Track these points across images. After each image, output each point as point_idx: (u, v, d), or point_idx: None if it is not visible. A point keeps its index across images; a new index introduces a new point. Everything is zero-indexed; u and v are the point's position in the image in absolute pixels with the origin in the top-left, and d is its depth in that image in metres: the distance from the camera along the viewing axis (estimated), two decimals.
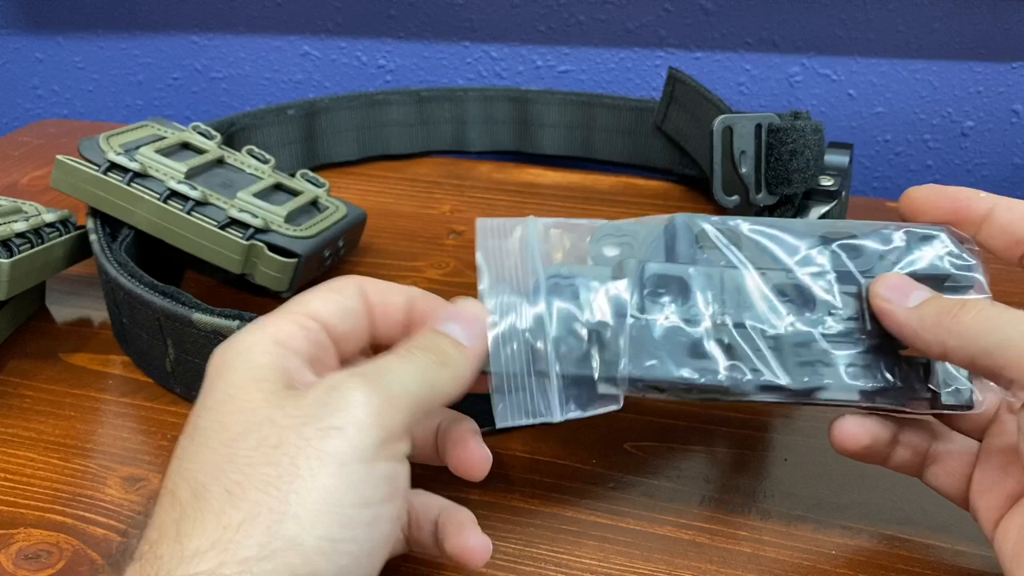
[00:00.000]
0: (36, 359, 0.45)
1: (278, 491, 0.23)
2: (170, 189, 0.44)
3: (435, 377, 0.27)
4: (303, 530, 0.23)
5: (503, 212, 0.59)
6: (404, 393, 0.26)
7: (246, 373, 0.26)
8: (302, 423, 0.24)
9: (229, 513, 0.23)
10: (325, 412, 0.25)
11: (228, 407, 0.25)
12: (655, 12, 0.68)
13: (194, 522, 0.23)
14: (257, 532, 0.23)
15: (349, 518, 0.24)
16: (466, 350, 0.28)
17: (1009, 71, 0.63)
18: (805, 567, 0.32)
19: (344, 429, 0.24)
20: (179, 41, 0.79)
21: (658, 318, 0.29)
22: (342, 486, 0.24)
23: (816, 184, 0.44)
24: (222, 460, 0.24)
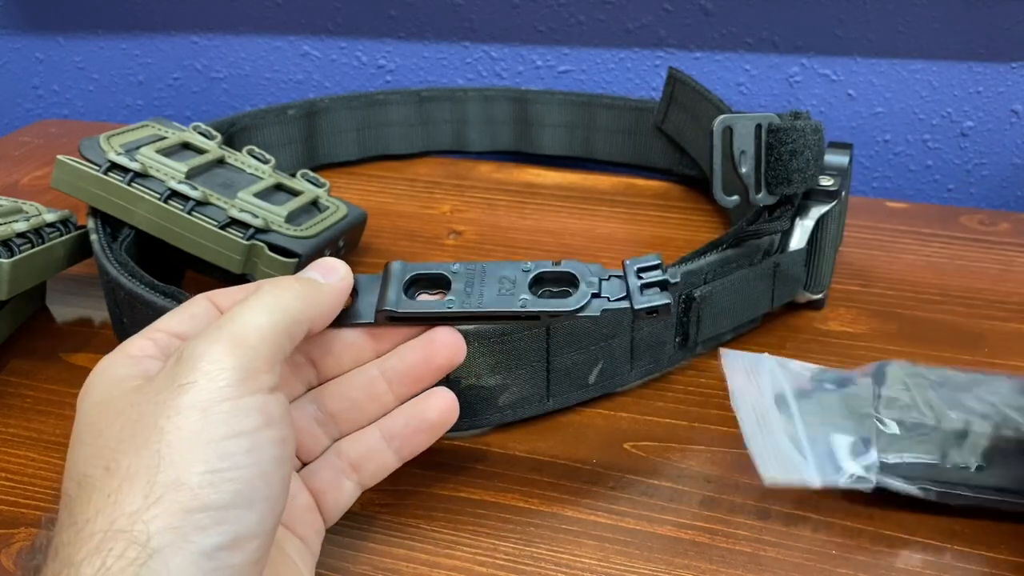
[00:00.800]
0: (37, 359, 0.45)
1: (148, 450, 0.24)
2: (170, 189, 0.44)
3: (290, 303, 0.28)
4: (182, 471, 0.24)
5: (503, 212, 0.59)
6: (252, 328, 0.26)
7: (111, 385, 0.27)
8: (156, 392, 0.25)
9: (108, 483, 0.24)
10: (174, 376, 0.25)
11: (99, 410, 0.26)
12: (655, 12, 0.68)
13: (81, 503, 0.24)
14: (138, 487, 0.23)
15: (225, 449, 0.24)
16: (327, 284, 0.30)
17: (1009, 71, 0.63)
18: (805, 567, 0.32)
19: (195, 382, 0.25)
20: (179, 41, 0.79)
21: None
22: (209, 425, 0.24)
23: (816, 184, 0.44)
24: (98, 449, 0.25)
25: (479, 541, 0.33)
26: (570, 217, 0.58)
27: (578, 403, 0.40)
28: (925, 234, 0.55)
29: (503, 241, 0.55)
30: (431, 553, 0.33)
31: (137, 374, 0.27)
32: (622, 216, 0.58)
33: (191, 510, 0.23)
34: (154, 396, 0.25)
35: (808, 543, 0.33)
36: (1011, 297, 0.48)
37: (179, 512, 0.23)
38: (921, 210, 0.59)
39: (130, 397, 0.26)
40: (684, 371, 0.42)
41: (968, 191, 0.68)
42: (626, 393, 0.41)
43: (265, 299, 0.28)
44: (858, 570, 0.32)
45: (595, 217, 0.58)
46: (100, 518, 0.23)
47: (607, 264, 0.33)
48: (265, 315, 0.27)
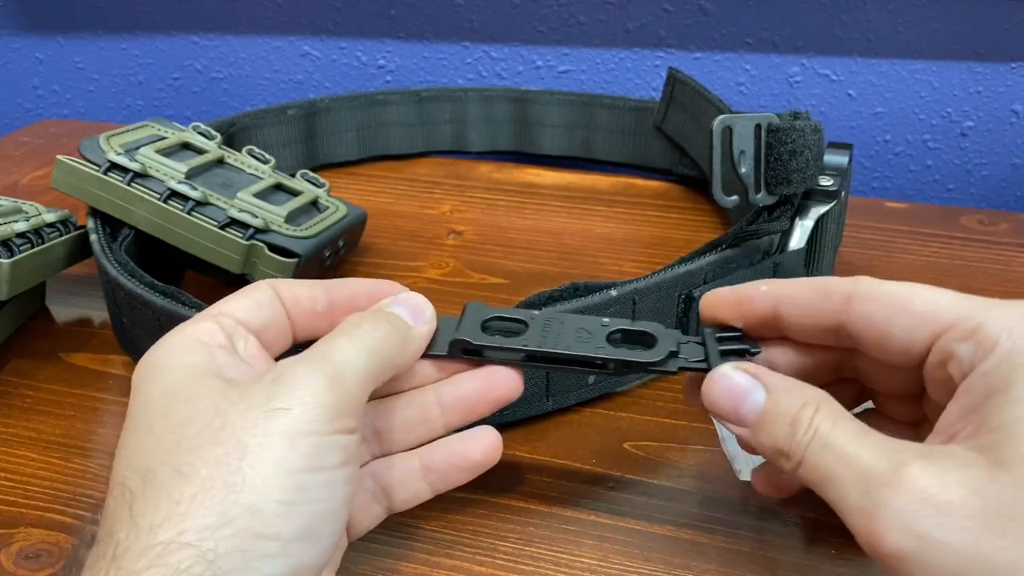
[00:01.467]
0: (36, 359, 0.45)
1: (228, 466, 0.24)
2: (170, 189, 0.44)
3: (384, 348, 0.28)
4: (259, 497, 0.23)
5: (503, 212, 0.59)
6: (351, 368, 0.26)
7: (181, 371, 0.26)
8: (247, 407, 0.25)
9: (180, 489, 0.23)
10: (270, 396, 0.25)
11: (170, 399, 0.26)
12: (655, 12, 0.68)
13: (146, 503, 0.23)
14: (213, 503, 0.23)
15: (304, 482, 0.24)
16: (410, 326, 0.29)
17: (1009, 71, 0.63)
18: (805, 567, 0.32)
19: (290, 410, 0.25)
20: (179, 41, 0.79)
21: None
22: (293, 455, 0.24)
23: (816, 184, 0.44)
24: (169, 444, 0.24)
25: (479, 541, 0.33)
26: (570, 217, 0.58)
27: (578, 403, 0.40)
28: (925, 234, 0.55)
29: (503, 241, 0.55)
30: (430, 553, 0.33)
31: (211, 366, 0.26)
32: (622, 216, 0.58)
33: (262, 537, 0.23)
34: (245, 409, 0.25)
35: (808, 543, 0.33)
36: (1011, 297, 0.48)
37: (250, 537, 0.23)
38: (921, 210, 0.59)
39: (213, 398, 0.25)
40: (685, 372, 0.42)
41: (968, 191, 0.68)
42: (626, 393, 0.41)
43: (365, 339, 0.27)
44: (858, 570, 0.32)
45: (595, 217, 0.58)
46: (168, 526, 0.23)
47: (609, 264, 0.33)
48: (363, 358, 0.27)
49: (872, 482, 0.24)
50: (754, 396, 0.27)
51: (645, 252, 0.54)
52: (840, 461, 0.25)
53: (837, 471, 0.24)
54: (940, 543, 0.22)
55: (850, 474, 0.24)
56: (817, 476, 0.25)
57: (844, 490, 0.24)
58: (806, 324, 0.29)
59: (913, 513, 0.23)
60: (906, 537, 0.23)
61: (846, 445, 0.25)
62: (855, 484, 0.24)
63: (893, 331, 0.27)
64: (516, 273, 0.52)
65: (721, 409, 0.28)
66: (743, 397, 0.27)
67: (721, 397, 0.28)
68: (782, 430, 0.26)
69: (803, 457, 0.25)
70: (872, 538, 0.23)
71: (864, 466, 0.24)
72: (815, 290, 0.29)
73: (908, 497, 0.23)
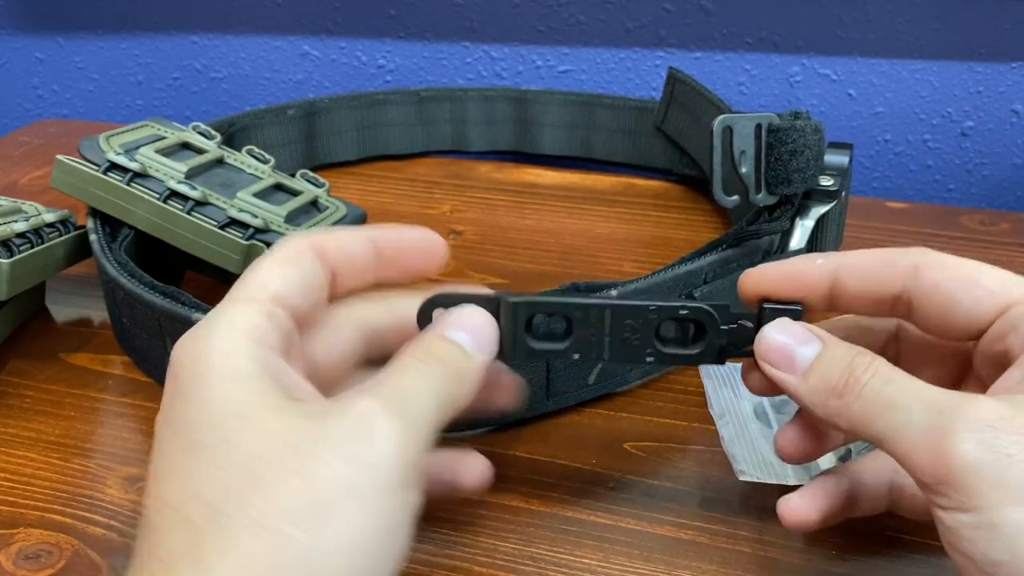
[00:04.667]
0: (36, 359, 0.45)
1: (307, 523, 0.22)
2: (170, 189, 0.44)
3: (450, 392, 0.26)
4: (328, 563, 0.23)
5: (503, 212, 0.59)
6: (424, 418, 0.25)
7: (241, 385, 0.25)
8: (325, 449, 0.23)
9: (255, 543, 0.22)
10: (351, 442, 0.24)
11: (238, 426, 0.24)
12: (655, 12, 0.68)
13: (215, 550, 0.22)
14: (289, 564, 0.22)
15: (375, 549, 0.23)
16: (475, 359, 0.28)
17: (1009, 71, 0.63)
18: (805, 567, 0.32)
19: (373, 463, 0.23)
20: (179, 41, 0.79)
21: None
22: (371, 519, 0.23)
23: (816, 184, 0.44)
24: (242, 485, 0.23)
25: (479, 541, 0.33)
26: (570, 217, 0.58)
27: (578, 403, 0.40)
28: (925, 234, 0.55)
29: (503, 241, 0.55)
30: (431, 553, 0.33)
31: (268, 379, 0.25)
32: (622, 216, 0.58)
33: None
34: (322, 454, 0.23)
35: (808, 543, 0.33)
36: None
37: None
38: (921, 210, 0.59)
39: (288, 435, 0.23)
40: (684, 371, 0.42)
41: (968, 191, 0.68)
42: (626, 393, 0.41)
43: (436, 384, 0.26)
44: (858, 570, 0.32)
45: (595, 217, 0.58)
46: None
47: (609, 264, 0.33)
48: (435, 405, 0.26)
49: (945, 404, 0.24)
50: (809, 346, 0.28)
51: (645, 252, 0.54)
52: (907, 390, 0.25)
53: (903, 397, 0.25)
54: (1016, 459, 0.23)
55: (918, 400, 0.25)
56: (874, 407, 0.25)
57: (911, 413, 0.24)
58: (866, 293, 0.29)
59: (990, 429, 0.23)
60: (982, 450, 0.23)
61: (911, 381, 0.25)
62: (925, 407, 0.24)
63: (962, 300, 0.27)
64: (516, 273, 0.52)
65: (775, 357, 0.28)
66: (799, 344, 0.28)
67: (775, 345, 0.28)
68: (837, 370, 0.26)
69: (862, 391, 0.26)
70: (942, 455, 0.23)
71: (933, 394, 0.25)
72: (878, 258, 0.29)
73: (986, 415, 0.23)
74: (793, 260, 0.30)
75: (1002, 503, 0.22)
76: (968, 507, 0.23)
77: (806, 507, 0.30)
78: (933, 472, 0.24)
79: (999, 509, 0.23)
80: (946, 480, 0.23)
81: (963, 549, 0.24)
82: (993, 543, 0.23)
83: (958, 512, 0.23)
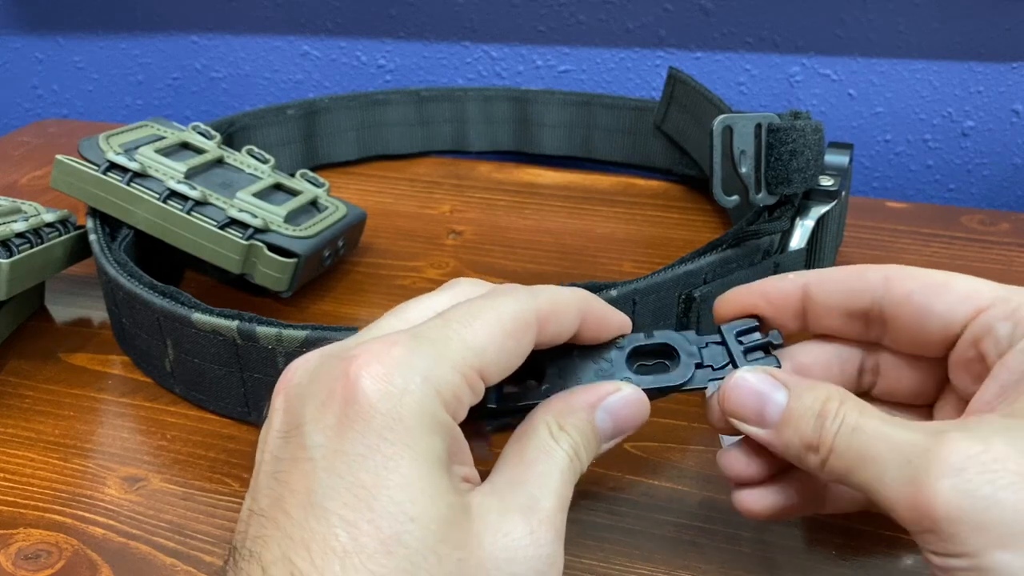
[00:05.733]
0: (36, 359, 0.45)
1: None
2: (170, 189, 0.44)
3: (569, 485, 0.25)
4: None
5: (503, 212, 0.59)
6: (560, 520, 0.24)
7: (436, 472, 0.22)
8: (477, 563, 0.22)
9: None
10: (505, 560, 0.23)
11: (441, 531, 0.22)
12: (655, 12, 0.68)
13: None
14: None
15: None
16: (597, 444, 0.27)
17: (1009, 71, 0.63)
18: (805, 567, 0.32)
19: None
20: (179, 41, 0.79)
21: None
22: None
23: (816, 184, 0.44)
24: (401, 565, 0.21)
25: None
26: (570, 217, 0.58)
27: None
28: (925, 234, 0.55)
29: (503, 241, 0.55)
30: None
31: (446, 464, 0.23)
32: (622, 216, 0.58)
33: None
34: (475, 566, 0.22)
35: (808, 543, 0.33)
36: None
37: None
38: (921, 210, 0.59)
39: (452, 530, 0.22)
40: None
41: (969, 191, 0.68)
42: None
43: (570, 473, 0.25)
44: (858, 570, 0.32)
45: (595, 217, 0.58)
46: None
47: (609, 264, 0.33)
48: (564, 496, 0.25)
49: (912, 452, 0.23)
50: (776, 396, 0.27)
51: (645, 252, 0.54)
52: (875, 440, 0.24)
53: (872, 450, 0.24)
54: (992, 499, 0.22)
55: (887, 450, 0.24)
56: (849, 461, 0.25)
57: (882, 466, 0.24)
58: (837, 307, 0.29)
59: (961, 472, 0.22)
60: (957, 497, 0.22)
61: (879, 427, 0.25)
62: (894, 458, 0.24)
63: (934, 307, 0.27)
64: (516, 273, 0.52)
65: (744, 414, 0.28)
66: (765, 398, 0.27)
67: (742, 401, 0.28)
68: (808, 424, 0.26)
69: (833, 444, 0.25)
70: (919, 507, 0.23)
71: (901, 440, 0.24)
72: (849, 272, 0.29)
73: (954, 458, 0.23)
74: (763, 280, 0.30)
75: (988, 547, 0.22)
76: (956, 553, 0.23)
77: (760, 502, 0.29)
78: (918, 523, 0.23)
79: (987, 554, 0.22)
80: (931, 530, 0.23)
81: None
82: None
83: (949, 558, 0.23)
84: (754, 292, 0.30)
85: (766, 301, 0.30)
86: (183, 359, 0.39)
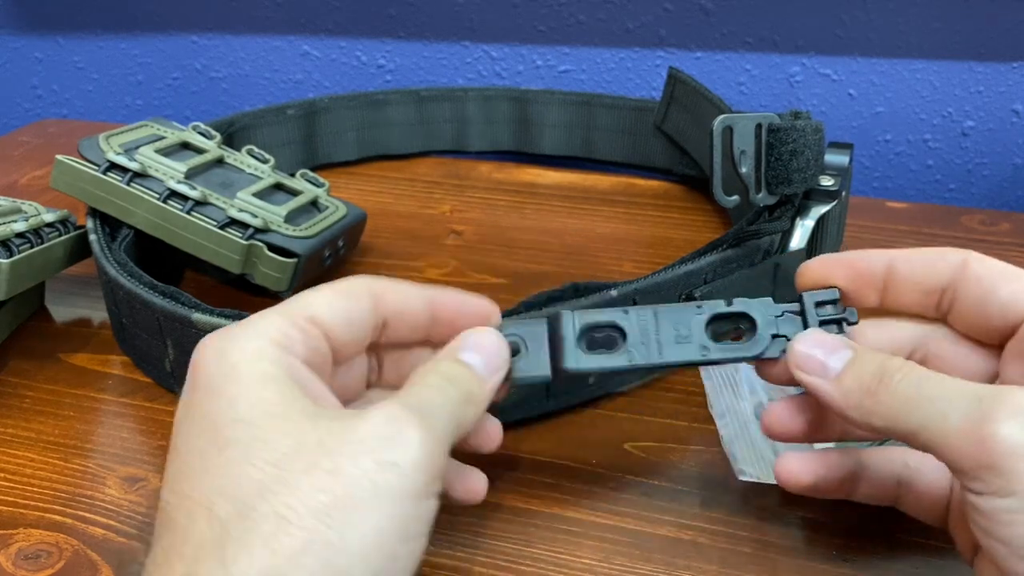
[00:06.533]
0: (36, 359, 0.45)
1: (332, 520, 0.23)
2: (170, 189, 0.44)
3: (462, 414, 0.27)
4: (355, 564, 0.23)
5: (503, 212, 0.59)
6: (445, 432, 0.26)
7: (271, 387, 0.25)
8: (357, 451, 0.24)
9: (281, 540, 0.22)
10: (384, 445, 0.24)
11: (270, 424, 0.24)
12: (655, 12, 0.68)
13: (241, 545, 0.22)
14: (311, 562, 0.22)
15: (394, 553, 0.23)
16: (486, 385, 0.28)
17: (1009, 71, 0.63)
18: (805, 567, 0.32)
19: (402, 467, 0.24)
20: (179, 41, 0.79)
21: None
22: (394, 521, 0.23)
23: (816, 184, 0.44)
24: (270, 480, 0.23)
25: (479, 541, 0.33)
26: (570, 217, 0.58)
27: (578, 403, 0.40)
28: (926, 234, 0.55)
29: (503, 241, 0.55)
30: (431, 553, 0.33)
31: (292, 384, 0.25)
32: (622, 216, 0.58)
33: None
34: (355, 455, 0.23)
35: (808, 543, 0.33)
36: None
37: None
38: (922, 210, 0.59)
39: (321, 435, 0.24)
40: (684, 371, 0.42)
41: (969, 191, 0.68)
42: (626, 393, 0.41)
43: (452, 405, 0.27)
44: (858, 570, 0.32)
45: (595, 217, 0.58)
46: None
47: (609, 264, 0.33)
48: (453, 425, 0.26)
49: (983, 393, 0.25)
50: (842, 351, 0.28)
51: (645, 252, 0.54)
52: (945, 384, 0.26)
53: (942, 391, 0.26)
54: None
55: (955, 392, 0.25)
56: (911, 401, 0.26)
57: (949, 404, 0.25)
58: (918, 283, 0.30)
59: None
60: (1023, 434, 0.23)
61: (946, 378, 0.26)
62: (963, 398, 0.25)
63: (999, 292, 0.28)
64: (516, 273, 0.52)
65: (807, 361, 0.29)
66: (832, 352, 0.28)
67: (809, 352, 0.29)
68: (871, 371, 0.27)
69: (896, 388, 0.26)
70: (984, 440, 0.24)
71: (968, 387, 0.25)
72: (932, 251, 0.30)
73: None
74: (850, 252, 0.31)
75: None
76: (1007, 491, 0.23)
77: (802, 468, 0.30)
78: (974, 456, 0.24)
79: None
80: (987, 464, 0.24)
81: (999, 534, 0.24)
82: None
83: (996, 497, 0.24)
84: (842, 261, 0.31)
85: (853, 271, 0.31)
86: (183, 359, 0.39)
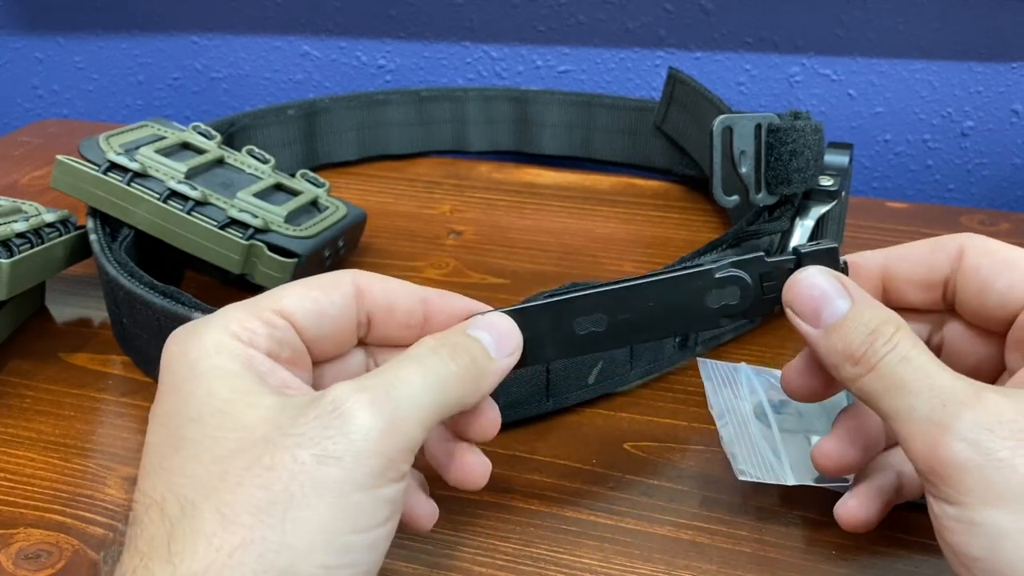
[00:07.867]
0: (36, 359, 0.45)
1: (271, 517, 0.22)
2: (170, 189, 0.44)
3: (459, 385, 0.26)
4: (298, 559, 0.22)
5: (503, 212, 0.59)
6: (416, 408, 0.25)
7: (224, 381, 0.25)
8: (297, 444, 0.23)
9: (221, 536, 0.22)
10: (323, 435, 0.23)
11: (218, 421, 0.24)
12: (655, 12, 0.68)
13: (185, 542, 0.22)
14: (250, 559, 0.22)
15: (346, 545, 0.23)
16: (495, 363, 0.28)
17: (1009, 71, 0.63)
18: (805, 567, 0.32)
19: (342, 459, 0.23)
20: (179, 41, 0.79)
21: None
22: (339, 516, 0.23)
23: (816, 184, 0.44)
24: (213, 478, 0.23)
25: (479, 541, 0.33)
26: (570, 217, 0.58)
27: (578, 403, 0.40)
28: (925, 234, 0.54)
29: (503, 241, 0.55)
30: (431, 553, 0.33)
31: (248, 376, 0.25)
32: (622, 216, 0.58)
33: None
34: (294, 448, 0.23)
35: (808, 543, 0.33)
36: None
37: None
38: (921, 210, 0.59)
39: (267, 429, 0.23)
40: (684, 371, 0.42)
41: (968, 191, 0.68)
42: (626, 393, 0.41)
43: (439, 372, 0.26)
44: (858, 570, 0.32)
45: (595, 217, 0.58)
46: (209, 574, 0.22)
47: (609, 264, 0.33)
48: (432, 394, 0.25)
49: (949, 398, 0.24)
50: (838, 302, 0.28)
51: (645, 252, 0.54)
52: (919, 374, 0.25)
53: (913, 382, 0.25)
54: (1006, 464, 0.23)
55: (927, 388, 0.25)
56: (886, 385, 0.26)
57: (916, 400, 0.25)
58: (918, 279, 0.30)
59: (987, 432, 0.23)
60: (972, 451, 0.23)
61: (927, 363, 0.25)
62: (930, 397, 0.25)
63: (996, 284, 0.28)
64: (516, 273, 0.52)
65: (802, 309, 0.28)
66: (827, 300, 0.28)
67: (803, 297, 0.28)
68: (859, 337, 0.26)
69: (877, 365, 0.26)
70: (937, 447, 0.24)
71: (942, 384, 0.25)
72: (928, 245, 0.30)
73: (984, 417, 0.24)
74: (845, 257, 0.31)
75: (985, 503, 0.23)
76: (954, 500, 0.24)
77: (863, 509, 0.30)
78: (926, 462, 0.24)
79: (981, 508, 0.23)
80: (939, 471, 0.24)
81: (946, 539, 0.24)
82: (972, 539, 0.23)
83: (944, 503, 0.24)
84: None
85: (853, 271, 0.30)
86: None
